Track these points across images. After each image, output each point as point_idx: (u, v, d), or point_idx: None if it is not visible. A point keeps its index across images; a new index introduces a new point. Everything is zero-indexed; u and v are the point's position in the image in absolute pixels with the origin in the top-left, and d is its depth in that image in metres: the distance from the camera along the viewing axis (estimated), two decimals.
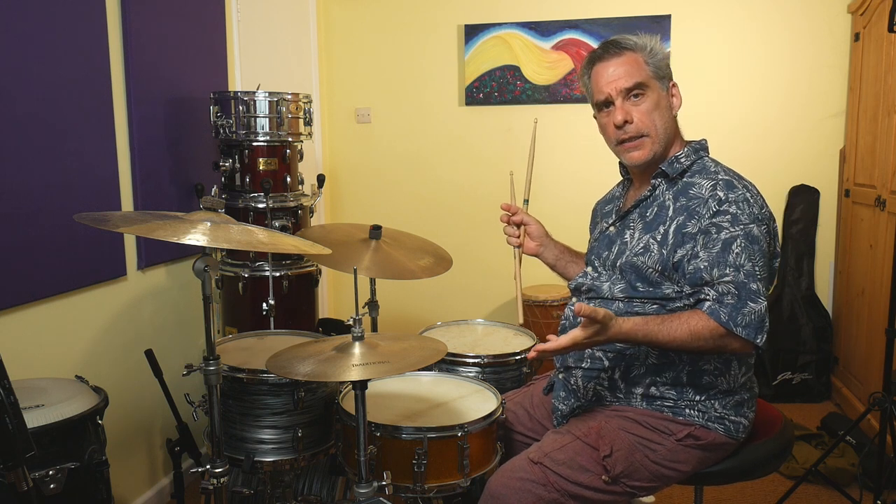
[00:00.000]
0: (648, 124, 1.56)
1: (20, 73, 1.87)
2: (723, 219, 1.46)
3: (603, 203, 1.84)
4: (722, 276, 1.43)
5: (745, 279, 1.42)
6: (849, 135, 3.38)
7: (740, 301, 1.42)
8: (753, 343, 1.43)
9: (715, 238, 1.45)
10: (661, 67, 1.58)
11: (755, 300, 1.42)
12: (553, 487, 1.46)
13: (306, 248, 1.59)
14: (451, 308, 3.88)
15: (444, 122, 3.85)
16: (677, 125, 1.64)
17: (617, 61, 1.57)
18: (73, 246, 2.05)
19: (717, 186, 1.50)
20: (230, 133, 2.40)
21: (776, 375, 3.41)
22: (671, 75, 1.61)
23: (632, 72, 1.55)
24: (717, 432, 1.54)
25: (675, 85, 1.61)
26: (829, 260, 3.54)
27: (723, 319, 1.42)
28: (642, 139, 1.57)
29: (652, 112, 1.56)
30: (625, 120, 1.56)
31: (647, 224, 1.59)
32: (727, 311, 1.42)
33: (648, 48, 1.58)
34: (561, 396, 1.67)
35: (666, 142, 1.59)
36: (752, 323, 1.42)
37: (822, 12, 3.43)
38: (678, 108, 1.61)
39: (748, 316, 1.42)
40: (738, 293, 1.42)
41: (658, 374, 1.55)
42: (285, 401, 1.78)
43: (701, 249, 1.47)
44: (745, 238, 1.44)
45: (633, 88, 1.55)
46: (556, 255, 1.85)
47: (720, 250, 1.45)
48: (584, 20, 3.61)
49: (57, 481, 1.39)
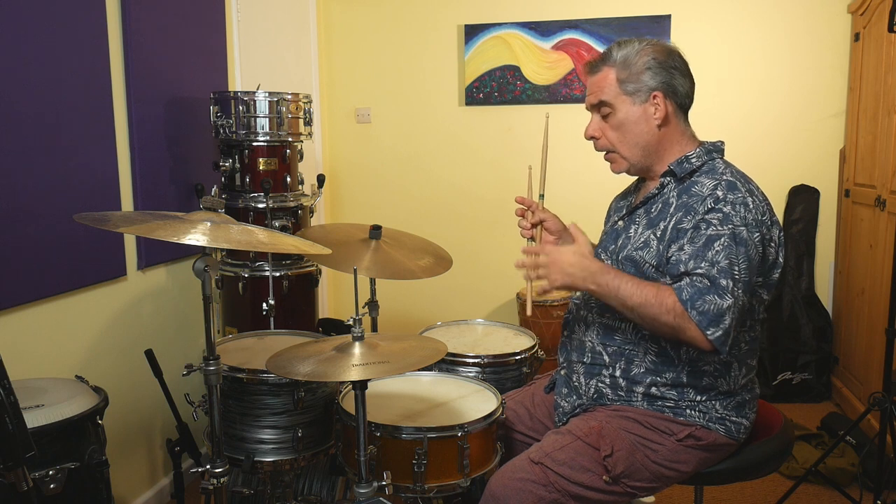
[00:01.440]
0: (613, 142, 1.61)
1: (20, 72, 1.87)
2: (713, 216, 1.46)
3: (618, 198, 1.85)
4: (696, 267, 1.43)
5: (716, 274, 1.41)
6: (849, 135, 3.39)
7: (707, 290, 1.41)
8: (704, 334, 1.40)
9: (702, 233, 1.46)
10: (636, 80, 1.55)
11: (721, 295, 1.40)
12: (554, 487, 1.46)
13: (306, 248, 1.59)
14: (451, 308, 3.88)
15: (444, 122, 3.86)
16: (671, 133, 1.60)
17: (592, 78, 1.62)
18: (73, 246, 2.05)
19: (719, 186, 1.50)
20: (230, 133, 2.40)
21: (776, 375, 3.41)
22: (655, 86, 1.56)
23: (598, 90, 1.60)
24: (718, 433, 1.54)
25: (658, 94, 1.56)
26: (829, 260, 3.54)
27: (683, 297, 1.41)
28: (613, 154, 1.63)
29: (616, 130, 1.60)
30: (591, 135, 1.63)
31: (650, 220, 1.59)
32: (690, 291, 1.41)
33: (623, 60, 1.56)
34: (563, 393, 1.67)
35: (644, 154, 1.60)
36: (709, 312, 1.39)
37: (822, 12, 3.43)
38: (661, 118, 1.57)
39: (708, 304, 1.40)
40: (707, 284, 1.41)
41: (658, 374, 1.55)
42: (285, 401, 1.77)
43: (687, 243, 1.47)
44: (730, 238, 1.44)
45: (599, 105, 1.60)
46: None
47: (702, 245, 1.45)
48: (584, 20, 3.61)
49: (57, 481, 1.39)
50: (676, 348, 1.53)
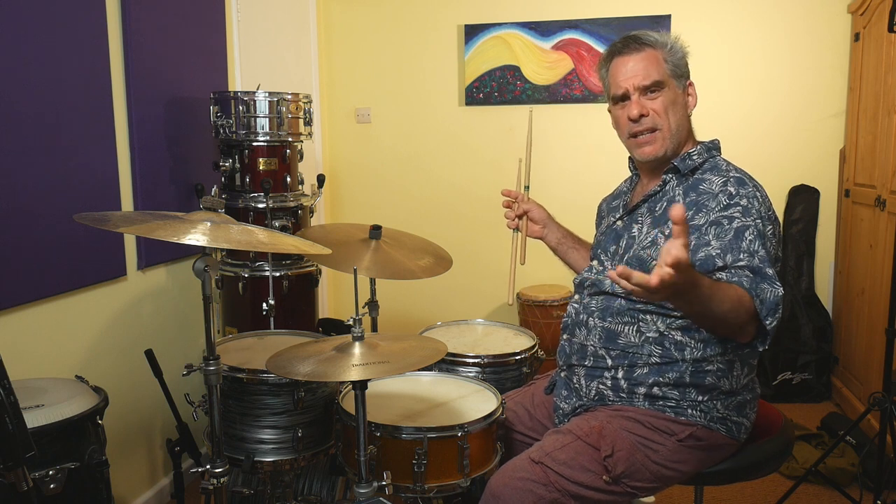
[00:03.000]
0: (662, 120, 1.57)
1: (20, 72, 1.87)
2: (734, 210, 1.45)
3: (609, 199, 1.85)
4: (736, 260, 1.39)
5: (759, 263, 1.38)
6: (849, 135, 3.38)
7: (757, 280, 1.36)
8: (765, 324, 1.34)
9: (727, 227, 1.44)
10: (680, 66, 1.59)
11: (772, 283, 1.36)
12: (554, 487, 1.46)
13: (306, 248, 1.59)
14: (451, 308, 3.88)
15: (444, 122, 3.86)
16: (690, 124, 1.64)
17: (636, 57, 1.58)
18: (73, 246, 2.05)
19: (729, 183, 1.50)
20: (230, 133, 2.40)
21: (776, 375, 3.41)
22: (689, 74, 1.61)
23: (650, 69, 1.56)
24: (720, 433, 1.54)
25: (691, 84, 1.62)
26: (829, 260, 3.54)
27: (746, 285, 1.34)
28: (655, 133, 1.58)
29: (667, 109, 1.57)
30: (640, 114, 1.57)
31: (655, 219, 1.59)
32: (746, 282, 1.35)
33: (668, 46, 1.58)
34: (563, 395, 1.67)
35: (678, 139, 1.60)
36: (768, 301, 1.34)
37: (822, 12, 3.43)
38: (693, 107, 1.62)
39: (765, 292, 1.34)
40: (753, 276, 1.36)
41: (661, 375, 1.54)
42: (285, 401, 1.77)
43: (713, 238, 1.44)
44: (756, 229, 1.42)
45: (651, 86, 1.56)
46: (559, 239, 1.89)
47: (733, 237, 1.42)
48: (584, 20, 3.61)
49: (57, 481, 1.39)
50: (681, 349, 1.53)
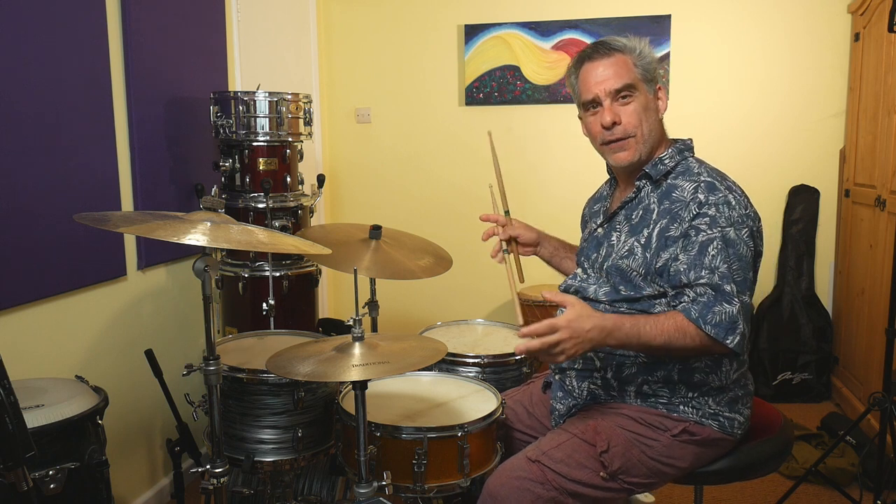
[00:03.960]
0: (636, 126, 1.57)
1: (20, 72, 1.87)
2: (701, 221, 1.48)
3: (591, 202, 1.86)
4: (698, 278, 1.45)
5: (719, 281, 1.44)
6: (849, 135, 3.38)
7: (713, 301, 1.43)
8: (723, 343, 1.42)
9: (693, 241, 1.47)
10: (649, 70, 1.59)
11: (729, 301, 1.43)
12: (551, 485, 1.46)
13: (306, 248, 1.59)
14: (451, 308, 3.88)
15: (444, 122, 3.85)
16: (663, 128, 1.64)
17: (606, 62, 1.57)
18: (73, 246, 2.05)
19: (699, 189, 1.51)
20: (230, 133, 2.40)
21: (776, 375, 3.41)
22: (658, 78, 1.62)
23: (621, 73, 1.56)
24: (712, 428, 1.55)
25: (661, 88, 1.62)
26: (829, 260, 3.54)
27: (692, 317, 1.43)
28: (628, 140, 1.58)
29: (639, 114, 1.57)
30: (613, 121, 1.56)
31: (632, 227, 1.60)
32: (698, 308, 1.43)
33: (637, 50, 1.58)
34: (558, 396, 1.67)
35: (651, 144, 1.60)
36: (722, 323, 1.42)
37: (822, 12, 3.43)
38: (664, 111, 1.62)
39: (718, 315, 1.42)
40: (713, 294, 1.44)
41: (650, 374, 1.55)
42: (285, 401, 1.78)
43: (681, 252, 1.48)
44: (721, 240, 1.45)
45: (622, 90, 1.56)
46: (552, 252, 1.90)
47: (697, 253, 1.46)
48: (584, 20, 3.61)
49: (57, 481, 1.39)
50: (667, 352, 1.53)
